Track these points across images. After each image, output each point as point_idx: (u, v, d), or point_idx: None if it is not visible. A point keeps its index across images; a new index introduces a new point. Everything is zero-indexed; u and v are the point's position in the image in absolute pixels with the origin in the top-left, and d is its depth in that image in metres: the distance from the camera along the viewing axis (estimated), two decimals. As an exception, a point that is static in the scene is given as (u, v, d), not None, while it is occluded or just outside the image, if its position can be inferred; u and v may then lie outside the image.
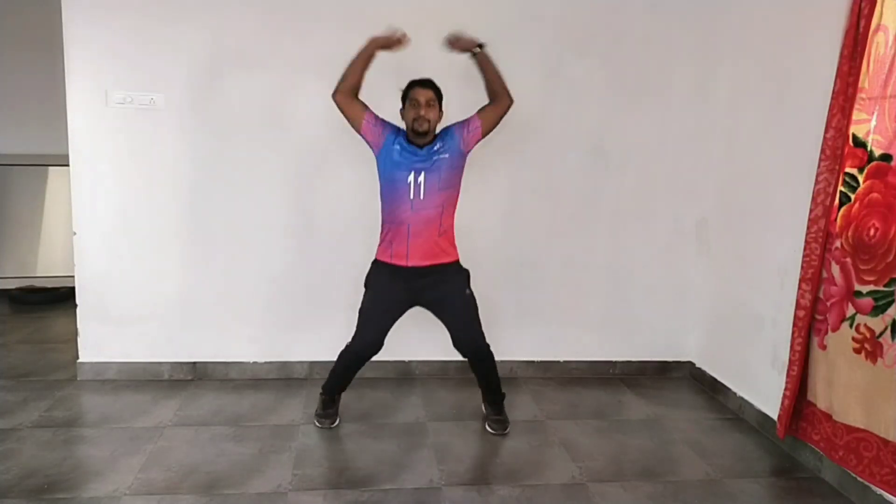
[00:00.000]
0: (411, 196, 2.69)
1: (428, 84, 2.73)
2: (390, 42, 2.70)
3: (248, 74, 3.28)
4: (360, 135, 2.74)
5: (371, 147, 2.76)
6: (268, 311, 3.48)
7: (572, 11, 3.43)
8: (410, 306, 2.83)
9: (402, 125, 2.78)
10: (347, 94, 2.68)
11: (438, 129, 2.79)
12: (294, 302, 3.49)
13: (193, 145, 3.31)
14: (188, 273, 3.41)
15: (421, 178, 2.69)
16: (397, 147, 2.71)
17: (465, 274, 2.86)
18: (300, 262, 3.46)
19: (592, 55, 3.47)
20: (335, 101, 2.69)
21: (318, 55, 3.28)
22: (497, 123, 2.79)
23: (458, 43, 2.74)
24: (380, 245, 2.82)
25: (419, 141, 2.72)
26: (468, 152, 2.79)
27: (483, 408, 3.10)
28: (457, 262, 2.85)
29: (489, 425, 3.00)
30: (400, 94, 2.78)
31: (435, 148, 2.72)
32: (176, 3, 3.19)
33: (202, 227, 3.38)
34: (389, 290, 2.78)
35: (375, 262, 2.83)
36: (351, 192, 3.37)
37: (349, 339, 2.86)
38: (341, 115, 2.73)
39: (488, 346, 2.90)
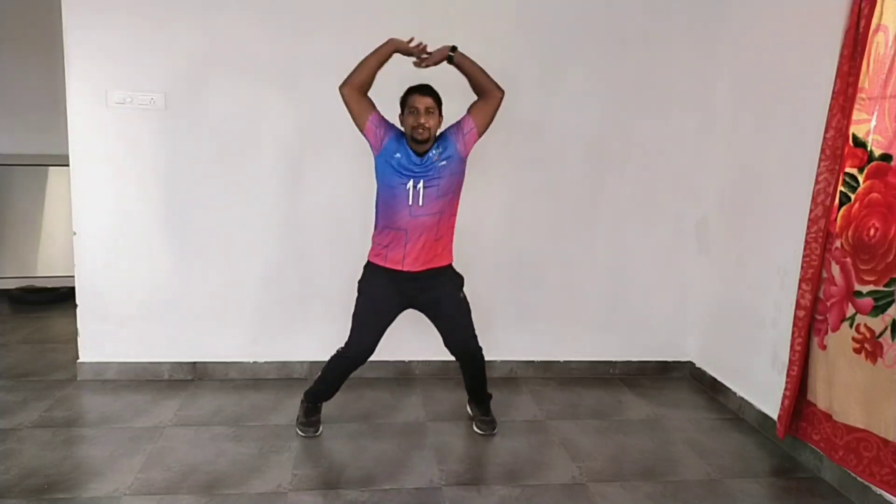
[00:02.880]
0: (410, 202, 2.65)
1: (427, 91, 2.66)
2: (408, 49, 2.66)
3: (247, 75, 3.28)
4: (362, 133, 2.70)
5: (371, 147, 2.73)
6: (268, 310, 3.48)
7: (572, 11, 3.43)
8: (404, 309, 2.81)
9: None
10: (356, 89, 2.63)
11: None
12: (294, 302, 3.49)
13: (193, 145, 3.31)
14: (188, 273, 3.41)
15: (420, 186, 2.64)
16: (398, 155, 2.66)
17: (459, 278, 2.85)
18: (300, 262, 3.46)
19: (593, 55, 3.47)
20: (342, 93, 2.62)
21: (317, 56, 3.28)
22: (492, 118, 2.73)
23: (429, 60, 2.68)
24: (374, 248, 2.78)
25: (418, 148, 2.67)
26: (467, 156, 2.75)
27: (469, 409, 3.11)
28: (451, 266, 2.83)
29: (477, 426, 2.99)
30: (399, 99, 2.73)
31: (433, 155, 2.67)
32: (176, 5, 3.19)
33: (202, 226, 3.38)
34: (384, 295, 2.75)
35: (369, 265, 2.80)
36: (349, 191, 3.37)
37: (341, 346, 2.82)
38: (342, 115, 2.71)
39: (480, 348, 2.89)
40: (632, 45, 3.49)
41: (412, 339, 3.27)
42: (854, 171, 2.49)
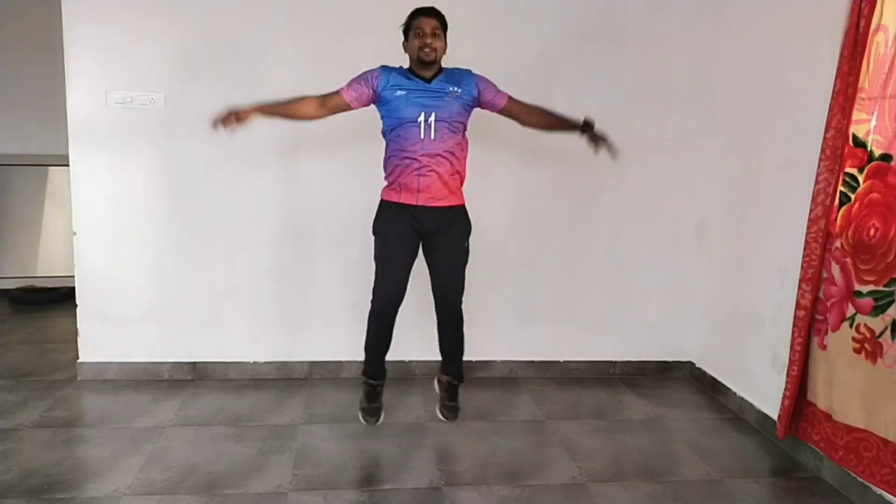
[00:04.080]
0: (422, 136, 2.58)
1: (433, 13, 2.62)
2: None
3: (247, 74, 3.28)
4: (364, 107, 2.68)
5: (375, 106, 2.68)
6: (268, 311, 3.48)
7: (572, 11, 3.43)
8: (419, 243, 2.75)
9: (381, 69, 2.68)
10: (313, 115, 2.67)
11: (445, 63, 2.69)
12: (294, 302, 3.49)
13: (193, 145, 3.31)
14: (188, 273, 3.41)
15: (432, 119, 2.57)
16: (397, 83, 2.60)
17: (469, 226, 2.80)
18: (300, 262, 3.46)
19: (593, 55, 3.47)
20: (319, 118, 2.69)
21: (319, 54, 3.28)
22: (502, 115, 2.79)
23: (602, 143, 2.80)
24: (386, 186, 2.73)
25: (425, 73, 2.61)
26: (477, 107, 2.73)
27: (436, 387, 3.01)
28: (463, 207, 2.78)
29: (440, 410, 2.94)
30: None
31: (446, 82, 2.63)
32: (176, 5, 3.19)
33: (202, 226, 3.38)
34: (400, 233, 2.69)
35: (382, 204, 2.75)
36: (349, 190, 3.37)
37: (370, 301, 2.78)
38: (342, 114, 2.71)
39: (461, 305, 2.83)
40: (632, 45, 3.49)
41: (412, 339, 3.27)
42: (854, 171, 2.49)
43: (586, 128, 2.77)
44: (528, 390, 3.50)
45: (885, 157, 2.35)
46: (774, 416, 2.90)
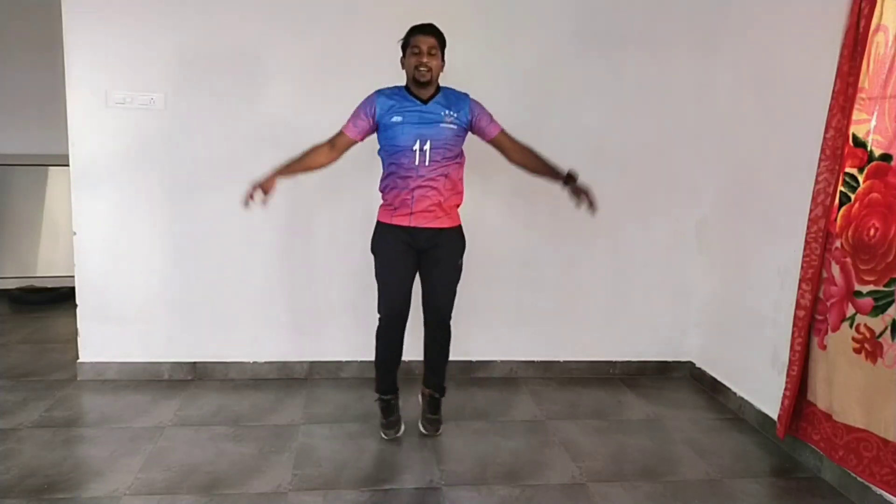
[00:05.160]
0: (417, 162, 2.59)
1: (430, 30, 2.58)
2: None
3: (247, 75, 3.28)
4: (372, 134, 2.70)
5: (376, 135, 2.70)
6: (268, 311, 3.48)
7: (572, 11, 3.43)
8: (417, 257, 2.75)
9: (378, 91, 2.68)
10: (328, 160, 2.70)
11: (443, 82, 2.68)
12: (294, 302, 3.49)
13: (193, 145, 3.31)
14: (188, 273, 3.40)
15: (427, 146, 2.58)
16: (393, 107, 2.59)
17: (463, 244, 2.81)
18: (300, 262, 3.46)
19: (593, 55, 3.47)
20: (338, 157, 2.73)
21: (319, 55, 3.28)
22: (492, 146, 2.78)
23: (586, 197, 2.74)
24: (382, 206, 2.75)
25: (422, 93, 2.61)
26: (470, 132, 2.73)
27: (420, 400, 2.99)
28: (458, 227, 2.79)
29: (422, 424, 2.94)
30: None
31: (443, 105, 2.62)
32: (176, 5, 3.19)
33: (202, 226, 3.38)
34: (397, 251, 2.71)
35: (378, 225, 2.77)
36: (351, 191, 3.36)
37: (377, 320, 2.79)
38: (342, 115, 2.71)
39: (450, 324, 2.85)
40: (632, 45, 3.49)
41: (412, 339, 3.26)
42: (854, 171, 2.49)
43: (569, 179, 2.72)
44: (528, 390, 3.50)
45: (885, 157, 2.35)
46: (774, 416, 2.90)
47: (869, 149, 2.43)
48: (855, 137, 2.49)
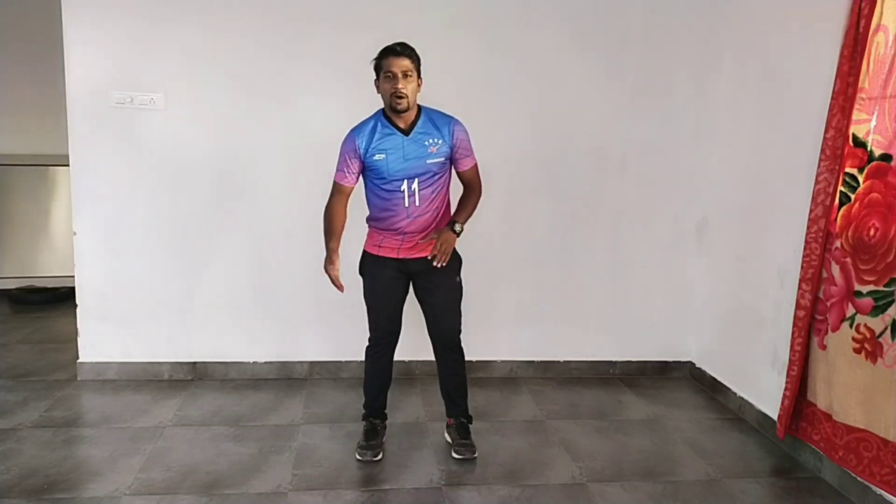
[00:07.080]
0: (406, 204, 2.53)
1: (403, 52, 2.41)
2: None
3: (247, 74, 3.28)
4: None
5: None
6: (268, 311, 3.48)
7: (573, 11, 3.42)
8: (409, 282, 2.70)
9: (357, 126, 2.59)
10: (346, 215, 2.67)
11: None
12: (294, 302, 3.49)
13: (193, 145, 3.31)
14: (188, 273, 3.41)
15: (415, 186, 2.51)
16: (373, 143, 2.49)
17: (458, 260, 2.72)
18: (300, 262, 3.45)
19: (593, 55, 3.47)
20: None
21: (318, 54, 3.29)
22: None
23: (443, 256, 2.51)
24: (369, 239, 2.70)
25: (401, 122, 2.49)
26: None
27: (446, 435, 2.85)
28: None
29: (456, 451, 2.73)
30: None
31: (425, 133, 2.50)
32: (176, 5, 3.19)
33: (202, 226, 3.38)
34: (386, 276, 2.66)
35: (365, 254, 2.72)
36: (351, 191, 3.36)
37: (366, 342, 2.79)
38: (341, 116, 2.71)
39: (461, 343, 2.77)
40: (632, 45, 3.49)
41: (412, 339, 3.26)
42: (854, 171, 2.49)
43: (452, 226, 2.56)
44: (528, 390, 3.50)
45: (885, 157, 2.35)
46: (774, 416, 2.90)
47: (869, 149, 2.43)
48: (855, 137, 2.49)
